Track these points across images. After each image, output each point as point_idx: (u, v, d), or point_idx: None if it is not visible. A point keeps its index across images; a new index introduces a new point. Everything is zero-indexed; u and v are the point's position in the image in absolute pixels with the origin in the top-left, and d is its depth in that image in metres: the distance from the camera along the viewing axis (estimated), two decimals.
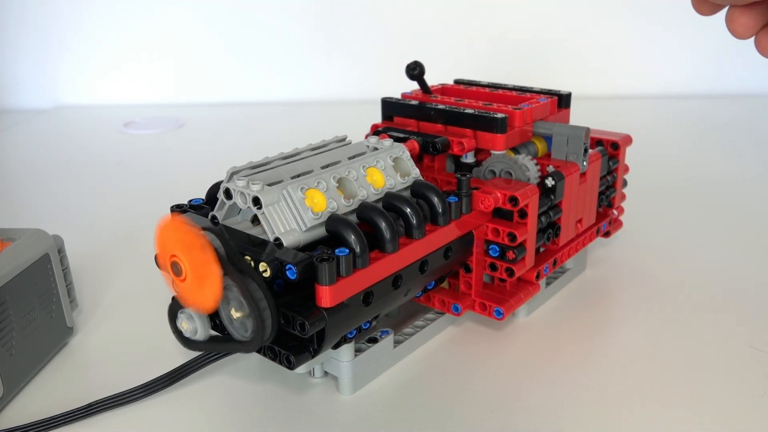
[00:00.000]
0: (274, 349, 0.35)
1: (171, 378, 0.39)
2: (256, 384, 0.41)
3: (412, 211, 0.37)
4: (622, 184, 0.53)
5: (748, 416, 0.37)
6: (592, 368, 0.42)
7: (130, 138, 1.00)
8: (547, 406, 0.39)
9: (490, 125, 0.43)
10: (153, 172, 0.84)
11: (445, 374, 0.42)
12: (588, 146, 0.45)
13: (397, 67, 0.53)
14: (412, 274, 0.37)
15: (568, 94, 0.49)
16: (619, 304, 0.50)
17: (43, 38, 1.19)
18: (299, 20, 1.17)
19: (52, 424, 0.37)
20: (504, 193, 0.40)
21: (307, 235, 0.35)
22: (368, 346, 0.40)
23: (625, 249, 0.58)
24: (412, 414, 0.38)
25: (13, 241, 0.41)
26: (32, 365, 0.42)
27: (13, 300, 0.39)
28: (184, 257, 0.32)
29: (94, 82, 1.21)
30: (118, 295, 0.52)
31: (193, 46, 1.19)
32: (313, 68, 1.19)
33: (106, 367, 0.43)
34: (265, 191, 0.34)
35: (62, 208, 0.72)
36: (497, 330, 0.46)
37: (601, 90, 1.13)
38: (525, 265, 0.43)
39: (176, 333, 0.35)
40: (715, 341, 0.44)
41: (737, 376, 0.41)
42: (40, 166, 0.89)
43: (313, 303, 0.33)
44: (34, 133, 1.05)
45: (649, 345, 0.44)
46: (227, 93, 1.20)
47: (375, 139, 0.42)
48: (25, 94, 1.22)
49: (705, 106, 1.06)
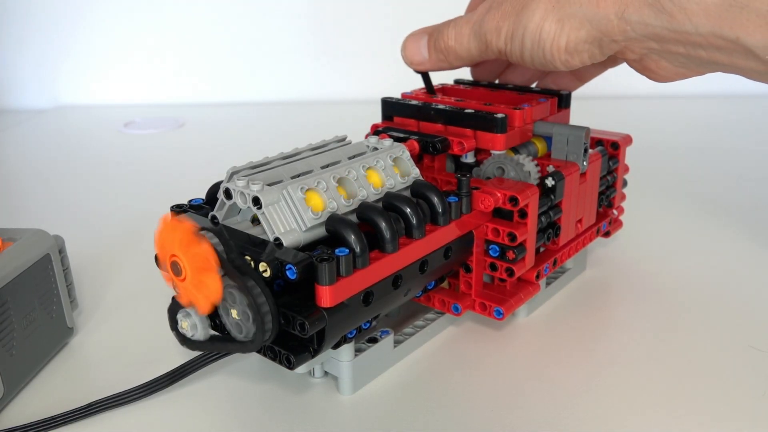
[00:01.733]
0: (274, 349, 0.35)
1: (171, 378, 0.39)
2: (256, 384, 0.41)
3: (412, 211, 0.37)
4: (622, 184, 0.53)
5: (748, 416, 0.37)
6: (592, 368, 0.42)
7: (130, 138, 1.00)
8: (547, 405, 0.39)
9: (490, 125, 0.43)
10: (153, 172, 0.84)
11: (445, 374, 0.42)
12: (588, 146, 0.45)
13: (397, 67, 0.53)
14: (412, 274, 0.37)
15: (568, 94, 0.49)
16: (619, 304, 0.50)
17: (44, 38, 1.19)
18: (299, 20, 1.17)
19: (52, 424, 0.37)
20: (504, 193, 0.40)
21: (307, 235, 0.35)
22: (368, 346, 0.40)
23: (625, 249, 0.58)
24: (412, 414, 0.38)
25: (14, 242, 0.41)
26: (32, 365, 0.42)
27: (14, 300, 0.39)
28: (183, 257, 0.32)
29: (94, 82, 1.21)
30: (119, 295, 0.52)
31: (193, 46, 1.19)
32: (313, 68, 1.19)
33: (106, 367, 0.43)
34: (265, 191, 0.34)
35: (62, 208, 0.72)
36: (497, 330, 0.46)
37: (601, 90, 1.13)
38: (525, 265, 0.43)
39: (176, 333, 0.35)
40: (715, 341, 0.44)
41: (737, 376, 0.41)
42: (40, 166, 0.89)
43: (313, 303, 0.33)
44: (34, 133, 1.05)
45: (649, 345, 0.44)
46: (227, 93, 1.20)
47: (375, 139, 0.42)
48: (25, 94, 1.22)
49: (705, 106, 1.05)
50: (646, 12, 0.35)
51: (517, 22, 0.40)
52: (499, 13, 0.41)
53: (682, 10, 0.34)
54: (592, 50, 0.39)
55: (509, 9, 0.40)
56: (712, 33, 0.34)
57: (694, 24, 0.34)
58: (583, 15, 0.37)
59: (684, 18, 0.34)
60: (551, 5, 0.38)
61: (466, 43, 0.43)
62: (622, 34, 0.37)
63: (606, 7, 0.36)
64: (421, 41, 0.46)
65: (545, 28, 0.39)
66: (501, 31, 0.41)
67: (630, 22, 0.36)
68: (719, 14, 0.33)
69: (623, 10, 0.36)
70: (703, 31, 0.34)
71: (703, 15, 0.33)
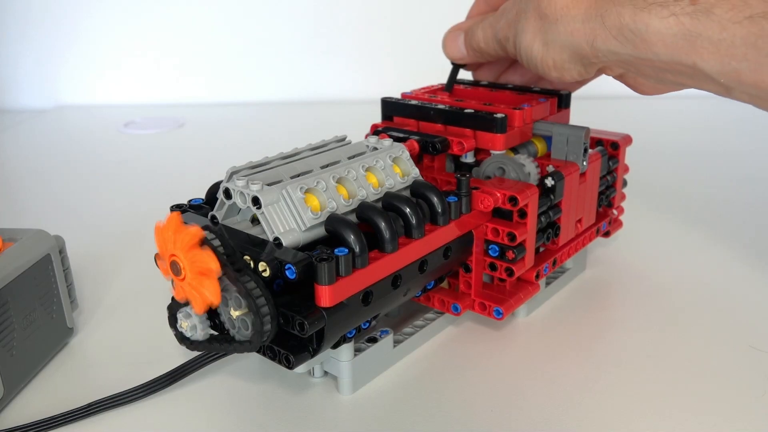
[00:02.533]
0: (273, 348, 0.35)
1: (171, 378, 0.39)
2: (256, 384, 0.41)
3: (412, 211, 0.37)
4: (622, 184, 0.53)
5: (748, 416, 0.37)
6: (591, 368, 0.42)
7: (130, 138, 1.00)
8: (547, 405, 0.39)
9: (490, 125, 0.43)
10: (153, 172, 0.84)
11: (444, 374, 0.42)
12: (588, 146, 0.45)
13: (397, 67, 0.53)
14: (412, 273, 0.37)
15: (568, 94, 0.49)
16: (619, 304, 0.50)
17: (44, 38, 1.19)
18: (299, 20, 1.17)
19: (52, 424, 0.37)
20: (504, 193, 0.40)
21: (306, 234, 0.35)
22: (368, 346, 0.40)
23: (625, 249, 0.58)
24: (412, 414, 0.38)
25: (15, 242, 0.41)
26: (32, 365, 0.42)
27: (14, 300, 0.39)
28: (185, 260, 0.32)
29: (94, 82, 1.21)
30: (119, 296, 0.52)
31: (193, 46, 1.19)
32: (313, 68, 1.19)
33: (106, 367, 0.43)
34: (264, 191, 0.34)
35: (62, 208, 0.72)
36: (497, 330, 0.46)
37: (601, 90, 1.13)
38: (525, 265, 0.43)
39: (176, 333, 0.35)
40: (715, 341, 0.44)
41: (737, 376, 0.41)
42: (41, 166, 0.89)
43: (313, 303, 0.33)
44: (34, 133, 1.05)
45: (649, 345, 0.44)
46: (227, 93, 1.20)
47: (375, 139, 0.42)
48: (25, 94, 1.22)
49: (705, 106, 1.05)
50: (612, 42, 0.38)
51: (515, 35, 0.43)
52: (505, 21, 0.44)
53: (644, 41, 0.36)
54: (578, 68, 0.41)
55: (512, 18, 0.43)
56: (672, 60, 0.36)
57: (655, 53, 0.36)
58: (561, 42, 0.40)
59: (646, 48, 0.36)
60: (537, 29, 0.41)
61: (492, 46, 0.46)
62: (597, 58, 0.39)
63: (579, 36, 0.39)
64: (459, 39, 0.49)
65: (534, 47, 0.41)
66: (508, 39, 0.44)
67: (600, 50, 0.39)
68: (675, 43, 0.35)
69: (593, 40, 0.38)
70: (665, 59, 0.36)
71: (662, 45, 0.36)
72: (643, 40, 0.36)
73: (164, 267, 0.33)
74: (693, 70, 0.36)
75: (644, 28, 0.36)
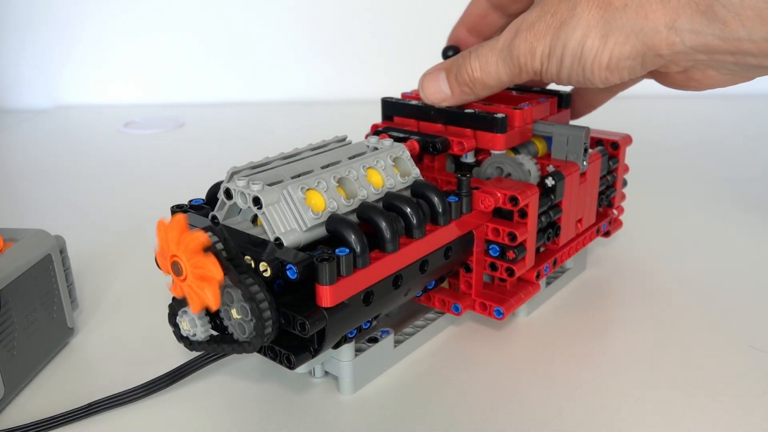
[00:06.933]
0: (274, 348, 0.35)
1: (171, 378, 0.39)
2: (256, 384, 0.41)
3: (413, 211, 0.37)
4: (622, 184, 0.53)
5: (748, 416, 0.37)
6: (592, 368, 0.42)
7: (130, 138, 1.00)
8: (548, 405, 0.39)
9: (490, 125, 0.43)
10: (153, 172, 0.84)
11: (445, 374, 0.42)
12: (588, 146, 0.45)
13: (397, 67, 0.53)
14: (413, 273, 0.37)
15: (568, 94, 0.49)
16: (619, 304, 0.50)
17: (44, 38, 1.19)
18: (299, 20, 1.17)
19: (52, 424, 0.37)
20: (504, 193, 0.40)
21: (307, 234, 0.35)
22: (368, 346, 0.40)
23: (625, 249, 0.58)
24: (413, 414, 0.38)
25: (15, 242, 0.41)
26: (33, 365, 0.42)
27: (15, 300, 0.39)
28: (186, 260, 0.32)
29: (94, 82, 1.21)
30: (119, 295, 0.52)
31: (193, 46, 1.19)
32: (313, 68, 1.19)
33: (106, 367, 0.43)
34: (265, 191, 0.34)
35: (63, 208, 0.72)
36: (497, 330, 0.46)
37: None
38: (525, 265, 0.43)
39: (176, 333, 0.35)
40: (715, 341, 0.44)
41: (737, 376, 0.41)
42: (41, 165, 0.89)
43: (314, 303, 0.33)
44: (34, 133, 1.05)
45: (649, 345, 0.44)
46: (227, 93, 1.20)
47: (375, 139, 0.42)
48: (25, 94, 1.22)
49: (705, 106, 1.05)
50: (698, 20, 0.34)
51: (555, 40, 0.39)
52: (531, 34, 0.40)
53: (737, 16, 0.33)
54: (633, 66, 0.38)
55: (543, 28, 0.39)
56: (763, 38, 0.33)
57: (748, 30, 0.33)
58: (630, 28, 0.36)
59: (738, 24, 0.33)
60: (595, 20, 0.37)
61: (495, 71, 0.42)
62: (670, 47, 0.36)
63: (656, 18, 0.35)
64: (439, 78, 0.44)
65: (587, 44, 0.38)
66: (536, 52, 0.40)
67: (681, 31, 0.35)
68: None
69: (674, 20, 0.35)
70: (756, 38, 0.34)
71: (759, 20, 0.33)
72: (737, 14, 0.33)
73: (164, 263, 0.33)
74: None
75: (739, 2, 0.33)
